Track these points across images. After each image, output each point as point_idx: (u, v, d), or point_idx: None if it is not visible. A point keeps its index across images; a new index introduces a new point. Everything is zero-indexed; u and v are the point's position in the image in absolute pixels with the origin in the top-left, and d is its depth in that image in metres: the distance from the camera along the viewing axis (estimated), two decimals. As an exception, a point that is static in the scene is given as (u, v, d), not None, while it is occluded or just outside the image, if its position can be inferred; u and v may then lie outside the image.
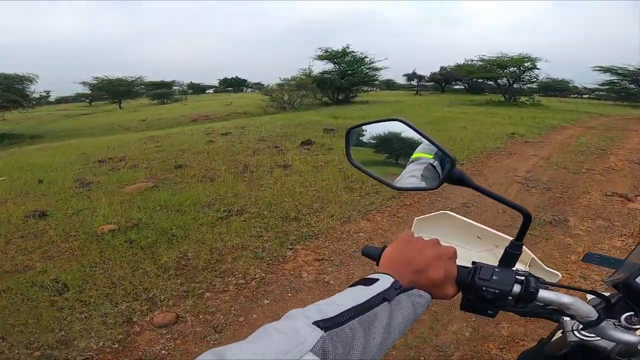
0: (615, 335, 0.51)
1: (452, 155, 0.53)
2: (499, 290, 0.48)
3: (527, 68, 18.45)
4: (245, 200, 3.92)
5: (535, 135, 8.52)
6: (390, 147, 0.64)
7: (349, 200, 3.80)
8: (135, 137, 9.48)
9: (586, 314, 0.49)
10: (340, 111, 12.86)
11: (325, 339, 0.35)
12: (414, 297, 0.45)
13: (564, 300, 0.49)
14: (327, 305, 0.40)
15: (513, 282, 0.49)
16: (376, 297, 0.42)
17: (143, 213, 3.71)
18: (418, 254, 0.49)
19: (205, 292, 2.44)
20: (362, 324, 0.39)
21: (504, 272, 0.50)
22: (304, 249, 2.92)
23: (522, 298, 0.49)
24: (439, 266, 0.48)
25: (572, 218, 3.53)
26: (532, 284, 0.49)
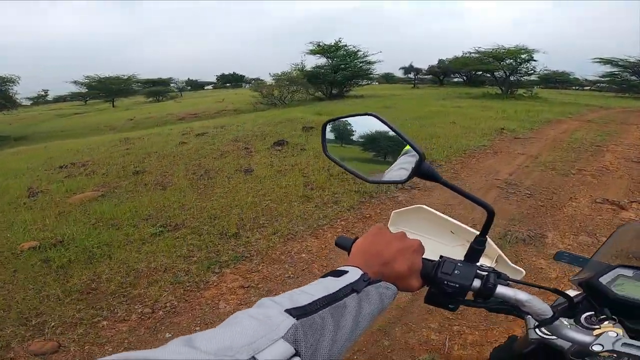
0: (569, 335, 0.52)
1: (421, 150, 0.52)
2: (459, 284, 0.49)
3: (524, 60, 17.85)
4: (189, 212, 3.54)
5: (526, 130, 8.05)
6: (378, 146, 0.64)
7: (301, 212, 3.41)
8: (109, 139, 9.13)
9: (541, 312, 0.50)
10: (328, 107, 12.42)
11: (297, 327, 0.35)
12: (381, 288, 0.46)
13: (520, 297, 0.50)
14: (299, 294, 0.40)
15: (473, 276, 0.50)
16: (346, 287, 0.43)
17: (75, 228, 3.37)
18: (385, 247, 0.50)
19: (102, 320, 2.16)
20: (332, 313, 0.39)
21: (465, 267, 0.51)
22: (232, 273, 2.55)
23: (481, 293, 0.50)
24: (404, 259, 0.50)
25: (551, 233, 3.09)
26: (491, 279, 0.50)
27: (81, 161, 6.35)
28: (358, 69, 20.01)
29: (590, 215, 3.47)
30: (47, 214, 3.83)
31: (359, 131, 0.67)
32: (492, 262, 0.68)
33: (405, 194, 3.85)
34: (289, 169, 4.79)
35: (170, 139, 7.86)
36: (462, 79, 32.72)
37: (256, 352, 0.30)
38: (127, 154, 6.66)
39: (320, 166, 4.72)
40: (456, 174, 4.69)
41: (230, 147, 6.32)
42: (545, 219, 3.42)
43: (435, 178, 0.53)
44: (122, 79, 33.89)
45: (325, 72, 19.33)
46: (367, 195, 3.77)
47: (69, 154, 7.50)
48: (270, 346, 0.32)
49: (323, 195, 3.79)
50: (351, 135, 0.67)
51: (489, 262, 0.67)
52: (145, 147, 7.12)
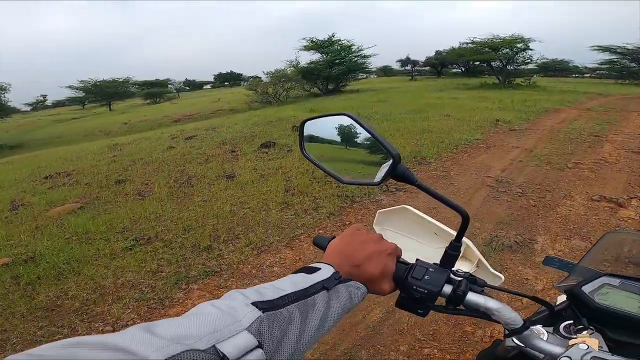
0: (538, 345, 0.51)
1: (395, 152, 0.52)
2: (427, 290, 0.49)
3: (520, 49, 17.53)
4: (164, 223, 3.41)
5: (522, 121, 7.85)
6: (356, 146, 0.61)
7: (279, 220, 3.26)
8: (99, 145, 9.02)
9: (511, 321, 0.49)
10: (322, 103, 12.24)
11: (263, 320, 0.34)
12: (351, 288, 0.46)
13: (490, 305, 0.49)
14: (267, 288, 0.40)
15: (443, 283, 0.49)
16: (316, 284, 0.43)
17: (48, 243, 3.28)
18: (359, 248, 0.50)
19: (61, 338, 2.01)
20: (300, 309, 0.39)
21: (436, 273, 0.50)
22: (199, 289, 2.42)
23: (452, 300, 0.50)
24: (376, 261, 0.49)
25: (541, 237, 2.91)
26: (462, 286, 0.49)
27: (67, 171, 6.23)
28: (353, 63, 19.76)
29: (585, 216, 3.29)
30: (24, 228, 3.73)
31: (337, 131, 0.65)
32: (473, 265, 0.66)
33: (390, 196, 3.69)
34: (272, 172, 4.64)
35: (159, 144, 7.74)
36: (460, 69, 32.34)
37: (217, 342, 0.30)
38: (113, 161, 6.54)
39: (305, 169, 4.57)
40: (446, 172, 4.53)
41: (216, 151, 6.18)
42: (536, 220, 3.22)
43: (410, 180, 0.52)
44: (118, 82, 33.78)
45: (320, 67, 19.10)
46: (349, 200, 3.62)
47: (57, 162, 7.40)
48: (232, 337, 0.31)
49: (304, 201, 3.64)
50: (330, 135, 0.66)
51: (470, 266, 0.66)
52: (132, 154, 7.00)
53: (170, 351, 0.27)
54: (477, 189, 3.96)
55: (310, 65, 19.50)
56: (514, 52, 17.67)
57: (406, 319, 2.00)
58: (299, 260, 2.68)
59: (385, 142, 0.53)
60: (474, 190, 3.94)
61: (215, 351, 0.29)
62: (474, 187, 4.01)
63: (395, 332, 1.91)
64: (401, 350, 1.77)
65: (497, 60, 18.61)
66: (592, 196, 3.69)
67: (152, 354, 0.26)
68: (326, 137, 0.66)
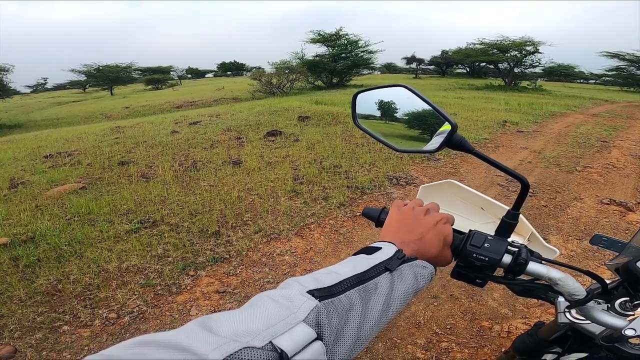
0: (601, 318, 0.50)
1: (454, 121, 0.52)
2: (489, 257, 0.48)
3: (529, 52, 17.42)
4: (170, 207, 3.33)
5: (530, 123, 7.80)
6: (425, 123, 0.61)
7: (288, 208, 3.20)
8: (101, 127, 8.88)
9: (574, 291, 0.48)
10: (327, 96, 12.12)
11: (320, 309, 0.33)
12: (417, 267, 0.44)
13: (553, 275, 0.48)
14: (325, 274, 0.38)
15: (504, 251, 0.49)
16: (378, 266, 0.41)
17: (49, 223, 3.17)
18: (417, 220, 0.49)
19: (63, 325, 1.99)
20: (361, 294, 0.37)
21: (496, 241, 0.49)
22: (208, 276, 2.35)
23: (512, 269, 0.49)
24: (436, 231, 0.48)
25: (553, 237, 2.88)
26: (523, 255, 0.49)
27: (68, 151, 6.12)
28: (359, 58, 19.62)
29: (595, 218, 3.26)
30: (24, 207, 3.63)
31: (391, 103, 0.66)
32: (525, 240, 0.65)
33: (400, 190, 3.63)
34: (279, 160, 4.57)
35: (162, 128, 7.62)
36: (465, 70, 32.19)
37: (273, 337, 0.29)
38: (115, 143, 6.43)
39: (312, 158, 4.50)
40: (455, 169, 4.47)
41: (222, 137, 6.09)
42: (547, 220, 3.20)
43: (467, 149, 0.52)
44: (120, 67, 33.43)
45: (325, 61, 18.95)
46: (359, 191, 3.56)
47: (57, 142, 7.27)
48: (288, 330, 0.30)
49: (313, 190, 3.57)
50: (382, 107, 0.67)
51: (521, 240, 0.64)
52: (136, 137, 6.88)
53: (227, 349, 0.26)
54: (487, 187, 3.90)
55: (315, 58, 19.36)
56: (522, 54, 17.56)
57: (422, 312, 1.95)
58: (309, 249, 2.62)
59: (444, 112, 0.54)
60: (484, 188, 3.89)
61: (272, 347, 0.28)
62: (483, 185, 3.96)
63: (412, 326, 1.86)
64: (418, 344, 1.72)
65: (504, 62, 18.49)
66: (601, 199, 3.66)
67: (210, 353, 0.26)
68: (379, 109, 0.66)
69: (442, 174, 4.27)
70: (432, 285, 2.23)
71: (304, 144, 5.28)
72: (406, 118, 0.64)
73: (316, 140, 5.52)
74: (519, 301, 2.13)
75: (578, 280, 0.49)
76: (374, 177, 3.91)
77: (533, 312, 2.07)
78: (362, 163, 4.42)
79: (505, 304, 2.10)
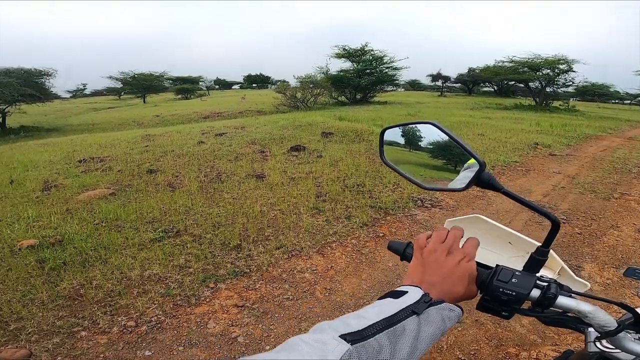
0: (633, 348, 0.51)
1: (482, 160, 0.53)
2: (516, 292, 0.49)
3: (562, 70, 16.89)
4: (194, 217, 3.38)
5: (563, 146, 7.50)
6: (449, 154, 0.63)
7: (310, 226, 3.17)
8: (132, 135, 9.23)
9: (605, 323, 0.49)
10: (350, 112, 12.15)
11: (352, 353, 0.34)
12: (444, 310, 0.45)
13: (582, 308, 0.49)
14: (354, 318, 0.40)
15: (532, 286, 0.50)
16: (405, 309, 0.42)
17: (77, 227, 3.28)
18: (440, 262, 0.49)
19: (81, 330, 2.01)
20: (389, 337, 0.39)
21: (524, 276, 0.50)
22: (228, 289, 2.34)
23: (540, 303, 0.50)
24: (462, 270, 0.49)
25: (588, 265, 2.73)
26: (553, 289, 0.50)
27: (101, 156, 6.38)
28: (383, 75, 19.65)
29: (633, 247, 3.08)
30: (55, 210, 3.78)
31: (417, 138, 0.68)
32: (555, 274, 0.65)
33: (425, 212, 3.54)
34: (303, 176, 4.57)
35: (189, 138, 7.84)
36: (492, 88, 31.61)
37: None
38: (145, 151, 6.65)
39: (336, 176, 4.48)
40: (483, 192, 4.32)
41: (246, 150, 6.18)
42: (582, 248, 3.05)
43: (496, 187, 0.53)
44: (154, 76, 34.95)
45: (350, 76, 19.09)
46: (383, 212, 3.49)
47: (91, 148, 7.60)
48: None
49: (335, 208, 3.53)
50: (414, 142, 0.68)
51: (551, 274, 0.65)
52: (164, 145, 7.11)
53: None
54: (518, 212, 3.74)
55: (340, 73, 19.53)
56: (555, 73, 17.04)
57: (445, 337, 1.86)
58: (330, 268, 2.57)
59: (472, 150, 0.54)
60: (514, 213, 3.73)
61: None
62: (514, 210, 3.80)
63: (435, 350, 1.80)
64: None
65: (535, 80, 18.00)
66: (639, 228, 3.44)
67: None
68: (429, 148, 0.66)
69: (469, 197, 4.14)
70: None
71: (327, 160, 5.28)
72: (430, 147, 0.65)
73: (339, 157, 5.50)
74: (549, 328, 2.03)
75: (609, 310, 0.50)
76: (398, 198, 3.84)
77: (564, 339, 1.98)
78: (386, 183, 4.35)
79: (534, 331, 2.02)
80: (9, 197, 4.31)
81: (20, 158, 6.98)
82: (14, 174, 5.45)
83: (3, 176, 5.38)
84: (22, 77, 14.95)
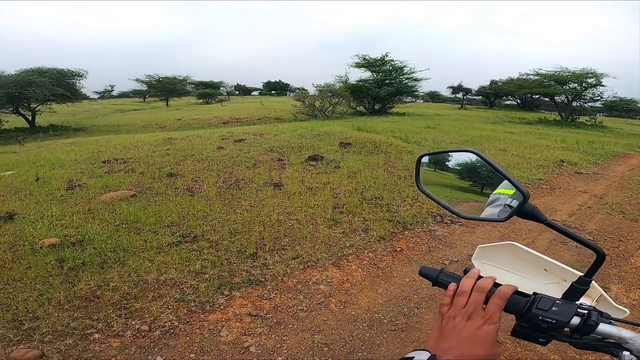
0: None
1: (525, 191, 0.53)
2: (556, 320, 0.50)
3: (590, 85, 16.37)
4: (211, 223, 3.41)
5: (590, 164, 7.24)
6: (477, 176, 0.64)
7: (327, 237, 3.14)
8: (155, 137, 9.47)
9: None
10: (369, 123, 12.12)
11: None
12: None
13: (624, 335, 0.50)
14: None
15: (573, 314, 0.50)
16: None
17: (98, 227, 3.35)
18: (459, 329, 0.49)
19: (95, 332, 2.02)
20: None
21: (565, 305, 0.51)
22: (242, 298, 2.34)
23: (580, 330, 0.51)
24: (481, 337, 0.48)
25: (615, 286, 2.64)
26: (594, 317, 0.50)
27: (124, 158, 6.55)
28: (403, 85, 19.56)
29: (663, 271, 2.92)
30: (77, 209, 3.87)
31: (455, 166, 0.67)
32: (593, 301, 0.65)
33: (444, 228, 3.45)
34: (320, 187, 4.56)
35: (209, 143, 7.97)
36: (515, 102, 30.97)
37: None
38: (166, 154, 6.80)
39: (353, 187, 4.45)
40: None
41: (264, 157, 6.23)
42: (609, 269, 2.96)
43: (539, 219, 0.53)
44: (178, 80, 35.92)
45: (369, 86, 19.09)
46: (401, 226, 3.43)
47: (116, 149, 7.83)
48: None
49: (352, 220, 3.50)
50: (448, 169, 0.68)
51: (589, 301, 0.64)
52: (184, 149, 7.25)
53: None
54: (542, 232, 3.60)
55: (359, 82, 19.56)
56: (582, 87, 16.53)
57: None
58: (346, 281, 2.53)
59: (514, 180, 0.54)
60: (538, 232, 3.59)
61: None
62: (537, 229, 3.66)
63: None
64: None
65: (561, 94, 17.52)
66: (672, 252, 3.27)
67: None
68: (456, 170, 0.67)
69: (489, 213, 4.03)
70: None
71: (345, 171, 5.26)
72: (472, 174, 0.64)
73: (357, 168, 5.47)
74: (570, 348, 1.92)
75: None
76: (417, 212, 3.77)
77: (586, 359, 1.92)
78: (404, 197, 4.29)
79: (555, 351, 1.96)
80: (34, 195, 4.45)
81: (47, 156, 7.24)
82: (40, 171, 5.64)
83: (29, 173, 5.58)
84: (55, 77, 15.63)
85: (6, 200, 4.19)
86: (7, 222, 3.51)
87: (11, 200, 4.20)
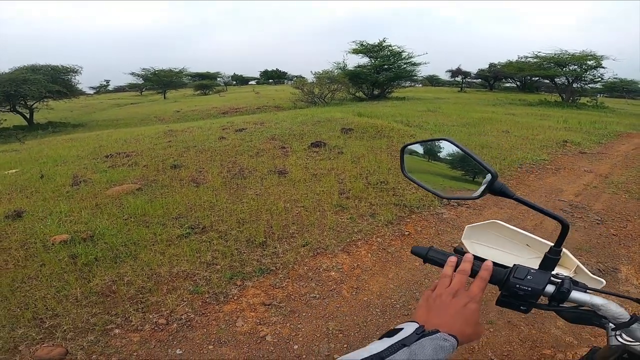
0: None
1: (494, 170, 0.58)
2: (531, 288, 0.53)
3: (590, 67, 16.18)
4: (218, 214, 3.41)
5: (593, 144, 7.20)
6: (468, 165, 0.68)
7: (335, 223, 3.15)
8: (155, 130, 9.42)
9: (618, 315, 0.52)
10: (369, 108, 12.03)
11: None
12: (438, 340, 0.46)
13: (595, 301, 0.53)
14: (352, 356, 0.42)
15: (546, 282, 0.54)
16: (395, 345, 0.44)
17: (107, 222, 3.35)
18: (445, 304, 0.52)
19: (115, 328, 2.03)
20: None
21: (538, 274, 0.55)
22: (254, 287, 2.35)
23: (555, 297, 0.54)
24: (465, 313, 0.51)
25: (625, 267, 2.63)
26: (566, 285, 0.54)
27: (126, 151, 6.53)
28: (402, 70, 19.34)
29: (674, 250, 2.93)
30: (85, 205, 3.87)
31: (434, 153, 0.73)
32: (571, 272, 0.68)
33: (452, 211, 3.46)
34: (325, 173, 4.55)
35: (210, 134, 7.93)
36: (515, 84, 30.69)
37: None
38: (169, 146, 6.77)
39: (358, 172, 4.44)
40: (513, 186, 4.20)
41: (266, 146, 6.20)
42: (618, 250, 2.94)
43: (508, 195, 0.58)
44: (174, 72, 35.55)
45: (367, 72, 18.88)
46: (407, 210, 3.43)
47: (117, 143, 7.79)
48: None
49: (359, 205, 3.50)
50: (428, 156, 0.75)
51: (567, 273, 0.67)
52: (186, 141, 7.21)
53: None
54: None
55: (357, 68, 19.34)
56: (582, 69, 16.35)
57: None
58: (356, 267, 2.55)
59: (483, 162, 0.60)
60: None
61: None
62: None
63: (466, 351, 1.77)
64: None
65: (561, 76, 17.33)
66: (679, 232, 3.27)
67: None
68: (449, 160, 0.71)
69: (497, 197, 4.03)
70: (488, 310, 2.12)
71: (349, 156, 5.24)
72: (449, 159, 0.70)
73: (361, 153, 5.45)
74: (585, 329, 2.00)
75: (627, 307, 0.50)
76: (423, 195, 3.77)
77: (601, 340, 1.92)
78: (409, 180, 4.29)
79: (570, 332, 1.97)
80: (39, 192, 4.45)
81: (49, 153, 7.22)
82: (44, 168, 5.62)
83: (33, 171, 5.57)
84: (49, 74, 15.48)
85: (12, 199, 4.19)
86: (16, 220, 3.51)
87: (18, 198, 4.20)
